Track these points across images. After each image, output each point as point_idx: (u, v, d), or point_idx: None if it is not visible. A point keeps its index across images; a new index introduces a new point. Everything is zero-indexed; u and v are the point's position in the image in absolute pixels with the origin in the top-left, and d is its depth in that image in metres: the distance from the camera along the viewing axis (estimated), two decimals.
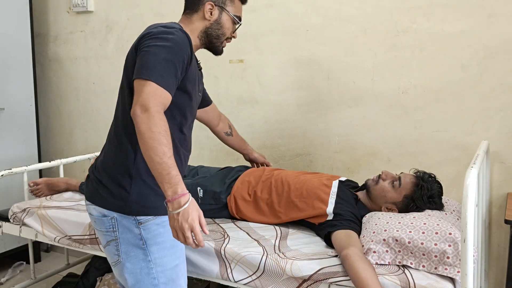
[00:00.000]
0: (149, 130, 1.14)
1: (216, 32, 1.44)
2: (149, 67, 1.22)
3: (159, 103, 1.19)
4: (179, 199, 1.13)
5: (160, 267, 1.33)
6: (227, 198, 1.84)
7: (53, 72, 3.02)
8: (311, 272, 1.40)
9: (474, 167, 1.22)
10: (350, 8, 2.13)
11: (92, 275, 2.22)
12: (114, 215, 1.32)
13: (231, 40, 1.51)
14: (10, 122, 2.74)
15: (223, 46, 1.50)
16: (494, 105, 1.91)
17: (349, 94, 2.17)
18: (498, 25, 1.87)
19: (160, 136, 1.15)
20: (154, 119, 1.15)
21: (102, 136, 2.88)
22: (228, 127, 2.00)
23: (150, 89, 1.19)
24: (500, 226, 1.95)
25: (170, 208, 1.14)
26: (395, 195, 1.68)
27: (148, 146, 1.14)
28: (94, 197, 1.37)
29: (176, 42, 1.27)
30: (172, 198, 1.13)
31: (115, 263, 1.35)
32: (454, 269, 1.32)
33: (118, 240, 1.32)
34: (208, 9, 1.42)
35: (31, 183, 2.21)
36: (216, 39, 1.45)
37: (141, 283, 1.33)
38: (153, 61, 1.22)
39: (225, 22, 1.44)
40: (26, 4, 2.79)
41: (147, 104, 1.16)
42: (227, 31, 1.46)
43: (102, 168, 1.36)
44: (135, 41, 1.32)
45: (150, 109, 1.16)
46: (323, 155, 2.26)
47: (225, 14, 1.44)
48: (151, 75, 1.20)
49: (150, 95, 1.18)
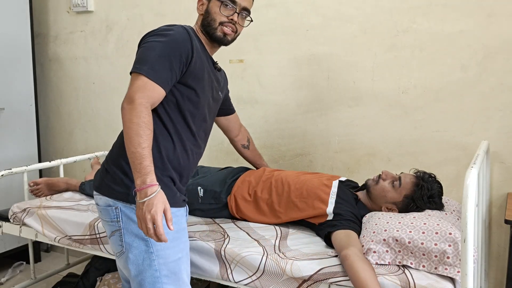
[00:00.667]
0: (130, 120, 1.21)
1: (207, 20, 1.46)
2: (143, 61, 1.28)
3: (146, 96, 1.24)
4: (146, 189, 1.17)
5: (162, 259, 1.34)
6: (227, 198, 1.84)
7: (53, 72, 3.02)
8: (311, 272, 1.40)
9: (474, 167, 1.22)
10: (349, 8, 2.13)
11: (92, 275, 2.22)
12: (119, 205, 1.34)
13: (233, 25, 1.46)
14: (10, 122, 2.74)
15: (222, 32, 1.46)
16: (494, 105, 1.91)
17: (349, 94, 2.17)
18: (497, 25, 1.87)
19: (138, 127, 1.20)
20: (136, 111, 1.21)
21: (102, 136, 2.88)
22: (246, 140, 2.01)
23: (139, 83, 1.26)
24: (500, 226, 1.95)
25: (138, 198, 1.18)
26: (395, 195, 1.68)
27: (127, 136, 1.21)
28: (101, 187, 1.39)
29: (173, 37, 1.32)
30: (140, 188, 1.18)
31: (119, 253, 1.36)
32: (454, 269, 1.32)
33: (122, 231, 1.34)
34: (199, 5, 1.50)
35: (31, 183, 2.21)
36: (208, 27, 1.46)
37: (143, 274, 1.33)
38: (147, 56, 1.29)
39: (211, 7, 1.46)
40: (26, 4, 2.79)
41: (133, 97, 1.23)
42: (215, 15, 1.45)
43: (109, 158, 1.41)
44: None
45: (134, 102, 1.22)
46: (323, 155, 2.26)
47: (212, 2, 1.46)
48: (142, 69, 1.27)
49: (138, 88, 1.25)
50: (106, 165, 1.41)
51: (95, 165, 2.47)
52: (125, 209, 1.34)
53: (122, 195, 1.34)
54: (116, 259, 1.40)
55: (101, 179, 1.40)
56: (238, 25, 1.48)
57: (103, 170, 1.41)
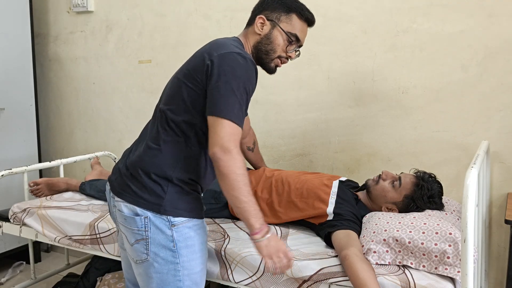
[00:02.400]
0: (234, 172, 1.22)
1: (266, 48, 1.40)
2: (229, 105, 1.23)
3: (237, 143, 1.25)
4: (264, 229, 1.26)
5: (187, 270, 1.33)
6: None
7: (53, 72, 3.02)
8: (311, 273, 1.40)
9: (474, 167, 1.22)
10: (350, 8, 2.13)
11: (92, 275, 2.22)
12: (148, 215, 1.30)
13: (287, 60, 1.45)
14: (10, 122, 2.74)
15: (276, 64, 1.44)
16: (494, 105, 1.91)
17: (349, 94, 2.17)
18: (498, 25, 1.87)
19: (243, 177, 1.24)
20: (236, 161, 1.23)
21: (102, 136, 2.89)
22: (252, 142, 2.02)
23: (230, 130, 1.23)
24: (500, 226, 1.95)
25: (259, 238, 1.25)
26: (395, 195, 1.68)
27: (234, 187, 1.23)
28: (125, 194, 1.33)
29: (249, 74, 1.27)
30: (259, 230, 1.25)
31: (142, 261, 1.33)
32: (454, 269, 1.32)
33: (149, 240, 1.31)
34: (259, 23, 1.40)
35: (31, 183, 2.21)
36: (265, 54, 1.41)
37: (166, 284, 1.32)
38: (232, 100, 1.23)
39: (275, 37, 1.39)
40: (26, 4, 2.79)
41: (228, 146, 1.22)
42: (277, 47, 1.40)
43: (138, 165, 1.33)
44: (201, 54, 1.31)
45: (232, 152, 1.22)
46: (323, 155, 2.26)
47: (277, 30, 1.39)
48: (231, 115, 1.23)
49: (230, 136, 1.23)
50: (132, 170, 1.33)
51: (95, 165, 2.47)
52: (155, 219, 1.30)
53: (153, 205, 1.30)
54: (135, 265, 1.37)
55: (124, 184, 1.34)
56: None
57: (127, 175, 1.34)
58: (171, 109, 1.33)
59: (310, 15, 1.43)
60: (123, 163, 1.39)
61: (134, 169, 1.33)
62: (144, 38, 2.67)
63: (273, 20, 1.39)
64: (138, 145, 1.40)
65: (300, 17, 1.40)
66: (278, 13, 1.39)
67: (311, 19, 1.43)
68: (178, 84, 1.33)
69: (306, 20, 1.42)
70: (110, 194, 1.40)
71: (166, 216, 1.30)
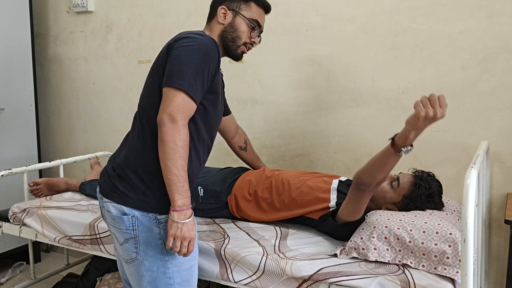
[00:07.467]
0: (173, 141, 1.22)
1: (231, 35, 1.47)
2: (181, 75, 1.24)
3: (186, 116, 1.25)
4: (186, 211, 1.24)
5: (176, 267, 1.34)
6: (227, 198, 1.84)
7: (53, 72, 3.02)
8: (311, 272, 1.40)
9: (474, 167, 1.22)
10: (350, 8, 2.13)
11: (92, 275, 2.22)
12: (135, 213, 1.31)
13: (252, 46, 1.52)
14: (10, 122, 2.74)
15: (242, 51, 1.51)
16: (494, 105, 1.91)
17: (349, 94, 2.17)
18: (498, 25, 1.87)
19: (183, 150, 1.23)
20: (180, 133, 1.22)
21: (102, 136, 2.89)
22: (243, 141, 2.01)
23: (179, 100, 1.24)
24: (500, 226, 1.95)
25: (176, 217, 1.24)
26: (394, 195, 1.68)
27: (169, 156, 1.22)
28: (113, 194, 1.34)
29: (206, 49, 1.29)
30: (181, 209, 1.23)
31: (132, 260, 1.34)
32: (453, 270, 1.32)
33: (138, 239, 1.32)
34: (221, 13, 1.47)
35: (31, 183, 2.21)
36: (231, 42, 1.47)
37: (157, 281, 1.33)
38: (185, 70, 1.25)
39: (239, 25, 1.47)
40: (26, 4, 2.79)
41: (175, 115, 1.22)
42: (242, 34, 1.47)
43: (124, 164, 1.35)
44: (165, 46, 1.34)
45: (177, 122, 1.22)
46: (323, 155, 2.26)
47: (239, 18, 1.46)
48: (183, 85, 1.24)
49: (179, 106, 1.23)
50: (119, 171, 1.35)
51: (95, 165, 2.47)
52: (142, 217, 1.31)
53: (140, 203, 1.31)
54: (126, 264, 1.38)
55: (112, 185, 1.35)
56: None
57: (114, 176, 1.35)
58: (147, 104, 1.35)
59: (266, 2, 1.52)
60: (110, 166, 1.41)
61: (121, 169, 1.35)
62: (144, 38, 2.67)
63: (234, 9, 1.47)
64: (122, 148, 1.42)
65: (258, 4, 1.50)
66: (237, 2, 1.47)
67: (267, 6, 1.53)
68: (151, 80, 1.36)
69: (263, 7, 1.52)
70: (99, 196, 1.41)
71: (153, 214, 1.31)
